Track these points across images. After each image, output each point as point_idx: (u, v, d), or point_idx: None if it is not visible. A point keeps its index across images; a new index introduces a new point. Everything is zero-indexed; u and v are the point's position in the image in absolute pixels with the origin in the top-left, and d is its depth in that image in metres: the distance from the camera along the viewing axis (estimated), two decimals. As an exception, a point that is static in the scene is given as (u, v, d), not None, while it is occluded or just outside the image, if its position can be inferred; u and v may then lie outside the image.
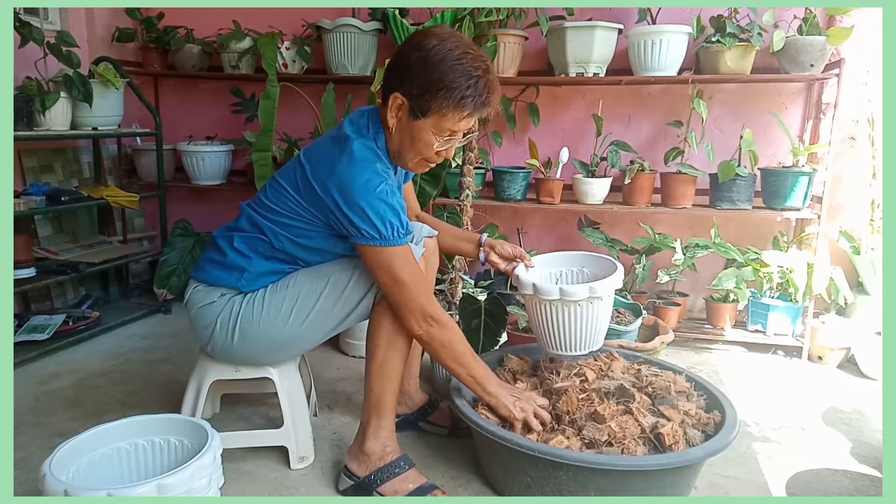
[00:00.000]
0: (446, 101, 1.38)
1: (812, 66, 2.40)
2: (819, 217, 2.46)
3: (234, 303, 1.56)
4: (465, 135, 1.50)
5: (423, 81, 1.38)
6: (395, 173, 1.60)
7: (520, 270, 1.75)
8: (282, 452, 1.70)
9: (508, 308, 2.14)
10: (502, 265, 1.79)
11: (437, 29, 1.46)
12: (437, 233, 1.76)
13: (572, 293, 1.61)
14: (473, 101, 1.40)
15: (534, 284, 1.67)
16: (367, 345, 1.57)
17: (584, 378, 1.67)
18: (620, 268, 1.70)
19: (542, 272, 1.82)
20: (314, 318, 1.54)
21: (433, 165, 1.56)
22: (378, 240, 1.39)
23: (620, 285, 1.68)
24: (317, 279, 1.54)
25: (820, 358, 2.50)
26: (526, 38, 2.70)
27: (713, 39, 2.44)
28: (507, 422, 1.55)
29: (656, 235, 2.63)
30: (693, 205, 2.61)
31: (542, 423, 1.55)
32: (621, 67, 2.66)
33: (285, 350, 1.62)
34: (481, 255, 1.80)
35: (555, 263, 1.86)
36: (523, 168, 2.72)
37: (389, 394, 1.56)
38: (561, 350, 1.73)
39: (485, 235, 1.83)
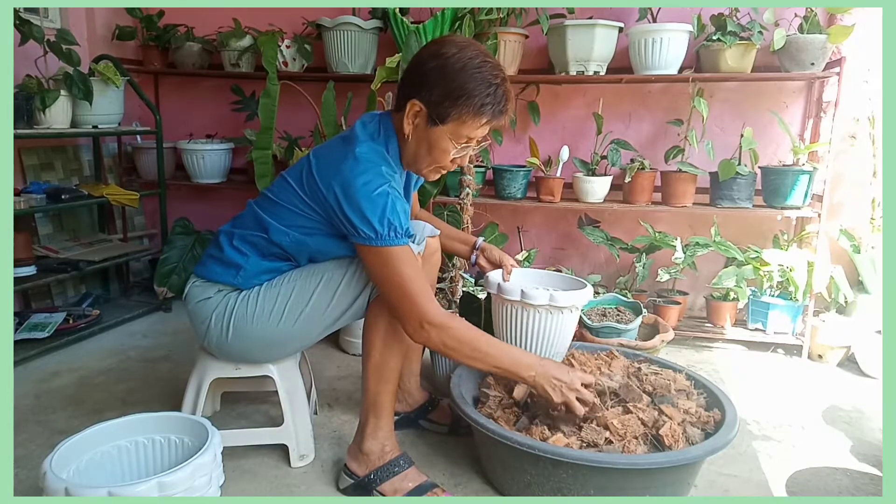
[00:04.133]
0: (466, 108, 1.39)
1: (813, 64, 2.40)
2: (819, 215, 2.46)
3: (229, 299, 1.56)
4: (478, 143, 1.50)
5: (443, 88, 1.38)
6: (404, 178, 1.61)
7: (492, 272, 1.80)
8: (282, 450, 1.71)
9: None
10: (488, 269, 1.84)
11: (454, 37, 1.47)
12: (439, 232, 1.76)
13: (532, 297, 1.64)
14: (492, 109, 1.41)
15: (499, 284, 1.72)
16: (364, 344, 1.56)
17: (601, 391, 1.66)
18: (589, 288, 1.73)
19: (516, 282, 1.82)
20: (307, 316, 1.53)
21: (445, 173, 1.57)
22: (375, 239, 1.38)
23: (583, 302, 1.71)
24: (311, 277, 1.53)
25: (820, 356, 2.50)
26: (526, 37, 2.69)
27: (714, 38, 2.44)
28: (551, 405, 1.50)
29: (656, 234, 2.63)
30: (693, 203, 2.61)
31: (586, 405, 1.47)
32: (622, 66, 2.66)
33: (280, 347, 1.61)
34: (472, 258, 1.86)
35: (533, 279, 1.87)
36: (524, 166, 2.73)
37: (387, 394, 1.56)
38: None
39: (480, 239, 1.86)
